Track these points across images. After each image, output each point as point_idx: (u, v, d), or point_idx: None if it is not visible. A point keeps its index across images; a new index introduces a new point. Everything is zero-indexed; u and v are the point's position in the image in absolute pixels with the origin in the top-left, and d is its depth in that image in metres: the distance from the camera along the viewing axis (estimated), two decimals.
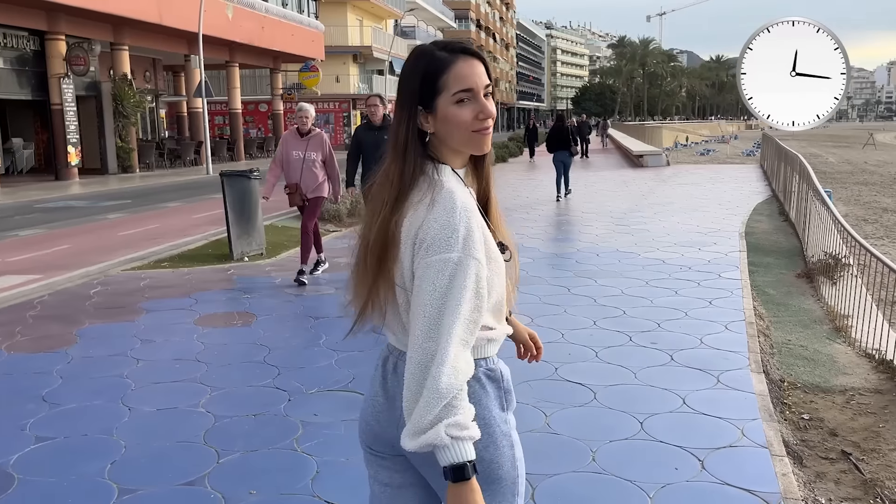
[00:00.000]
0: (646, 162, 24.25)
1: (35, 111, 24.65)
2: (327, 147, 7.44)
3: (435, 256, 1.45)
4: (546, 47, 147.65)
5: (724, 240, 9.47)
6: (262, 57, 33.79)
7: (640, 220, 11.43)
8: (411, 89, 1.57)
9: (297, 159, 7.27)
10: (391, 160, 1.57)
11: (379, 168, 1.61)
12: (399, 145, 1.56)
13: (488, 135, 1.58)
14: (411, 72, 1.58)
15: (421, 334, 1.43)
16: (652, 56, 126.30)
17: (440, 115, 1.55)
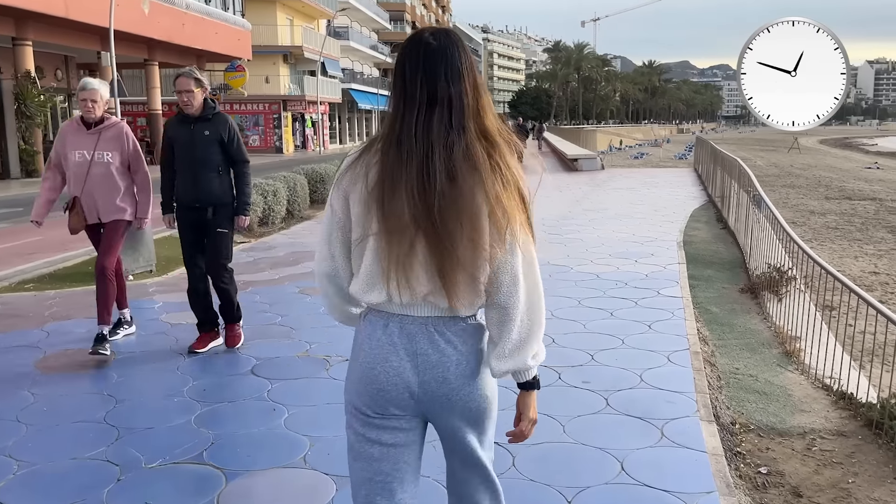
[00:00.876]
0: (580, 166, 23.79)
1: None
2: (130, 144, 5.07)
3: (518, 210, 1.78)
4: (483, 51, 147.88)
5: (661, 250, 8.82)
6: (185, 56, 32.17)
7: (573, 229, 10.74)
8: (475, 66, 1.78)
9: (80, 162, 4.94)
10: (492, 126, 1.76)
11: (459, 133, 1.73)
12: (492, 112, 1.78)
13: None
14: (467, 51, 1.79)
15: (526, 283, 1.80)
16: (587, 61, 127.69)
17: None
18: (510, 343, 1.79)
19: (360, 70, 59.77)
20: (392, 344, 1.79)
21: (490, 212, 1.69)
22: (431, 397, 1.80)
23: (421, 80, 1.71)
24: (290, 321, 5.91)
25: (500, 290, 1.76)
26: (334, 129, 55.65)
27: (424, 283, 1.74)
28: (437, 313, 1.78)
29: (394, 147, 1.72)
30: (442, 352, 1.78)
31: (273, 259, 8.81)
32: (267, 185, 11.41)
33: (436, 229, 1.68)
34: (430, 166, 1.68)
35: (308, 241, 10.25)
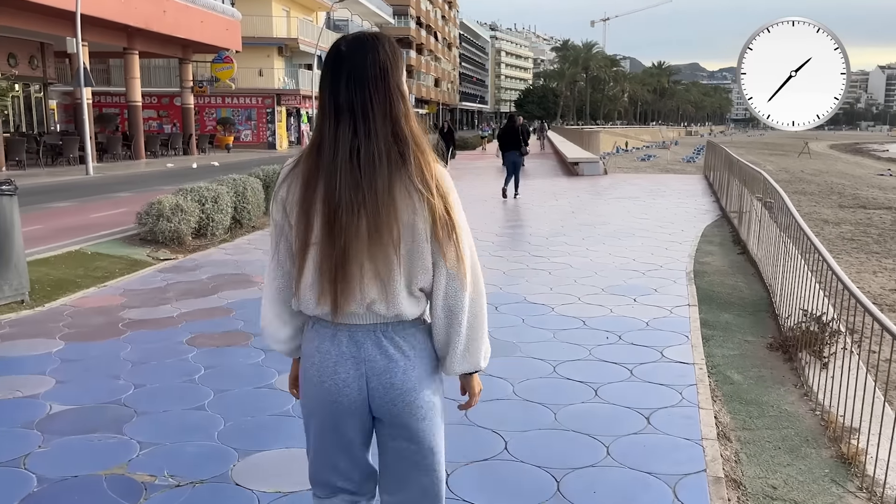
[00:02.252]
0: (581, 170, 22.09)
1: None
2: None
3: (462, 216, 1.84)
4: (490, 49, 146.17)
5: (667, 283, 7.14)
6: (169, 45, 30.58)
7: (562, 249, 9.05)
8: (399, 66, 1.77)
9: None
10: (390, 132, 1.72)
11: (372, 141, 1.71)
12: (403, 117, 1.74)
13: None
14: (394, 52, 1.78)
15: (470, 276, 1.81)
16: (595, 60, 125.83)
17: (405, 94, 1.79)
18: (460, 344, 1.82)
19: None
20: (341, 354, 1.79)
21: (413, 215, 1.69)
22: (379, 403, 1.81)
23: (329, 89, 1.73)
24: (97, 392, 4.24)
25: (442, 292, 1.76)
26: None
27: (365, 291, 1.73)
28: (384, 319, 1.78)
29: (313, 155, 1.74)
30: (390, 357, 1.79)
31: (188, 285, 7.16)
32: (206, 191, 9.76)
33: (357, 237, 1.68)
34: (337, 175, 1.68)
35: (248, 258, 8.62)
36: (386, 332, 1.78)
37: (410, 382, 1.80)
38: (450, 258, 1.75)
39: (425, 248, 1.74)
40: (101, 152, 27.37)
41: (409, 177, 1.69)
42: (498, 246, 9.39)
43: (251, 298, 6.54)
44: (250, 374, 4.53)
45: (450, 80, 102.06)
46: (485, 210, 13.25)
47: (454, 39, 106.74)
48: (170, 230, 8.91)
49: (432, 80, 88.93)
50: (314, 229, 1.71)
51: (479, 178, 20.90)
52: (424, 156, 1.73)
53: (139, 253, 8.62)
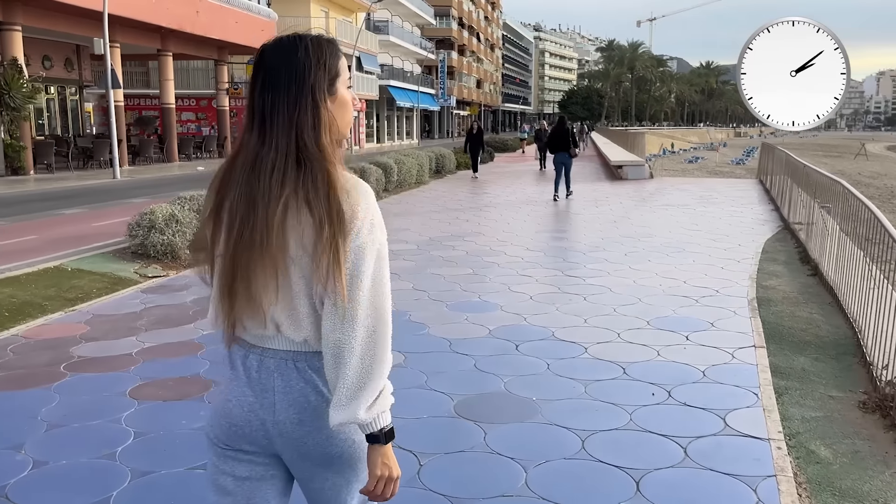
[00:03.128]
0: (625, 174, 20.80)
1: None
2: None
3: (367, 238, 1.53)
4: (534, 49, 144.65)
5: (725, 315, 5.97)
6: (203, 46, 30.13)
7: (601, 268, 7.92)
8: (318, 70, 1.58)
9: None
10: (293, 142, 1.55)
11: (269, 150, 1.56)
12: (310, 127, 1.56)
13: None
14: (315, 54, 1.59)
15: (363, 313, 1.52)
16: (641, 60, 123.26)
17: (339, 98, 1.62)
18: (344, 387, 1.55)
19: (400, 66, 57.35)
20: (250, 378, 1.63)
21: (302, 233, 1.55)
22: (286, 439, 1.63)
23: (248, 94, 1.66)
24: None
25: (329, 324, 1.55)
26: (371, 127, 53.33)
27: (271, 311, 1.59)
28: (295, 347, 1.62)
29: (229, 163, 1.64)
30: (300, 391, 1.61)
31: (167, 310, 6.25)
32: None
33: (251, 251, 1.55)
34: (238, 185, 1.58)
35: None
36: (298, 361, 1.62)
37: (322, 420, 1.60)
38: (329, 286, 1.54)
39: (311, 269, 1.58)
40: (134, 155, 27.00)
41: (305, 192, 1.54)
42: (528, 263, 8.29)
43: None
44: (188, 445, 3.54)
45: (492, 82, 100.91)
46: (518, 217, 12.15)
47: (497, 40, 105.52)
48: (162, 244, 8.03)
49: (474, 82, 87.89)
50: (220, 241, 1.61)
51: (516, 183, 19.78)
52: (327, 170, 1.55)
53: (126, 269, 7.76)
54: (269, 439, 1.64)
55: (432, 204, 14.51)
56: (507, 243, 9.72)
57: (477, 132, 22.32)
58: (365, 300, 1.53)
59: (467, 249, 9.24)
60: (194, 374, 4.61)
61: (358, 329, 1.53)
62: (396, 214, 12.71)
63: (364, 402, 1.54)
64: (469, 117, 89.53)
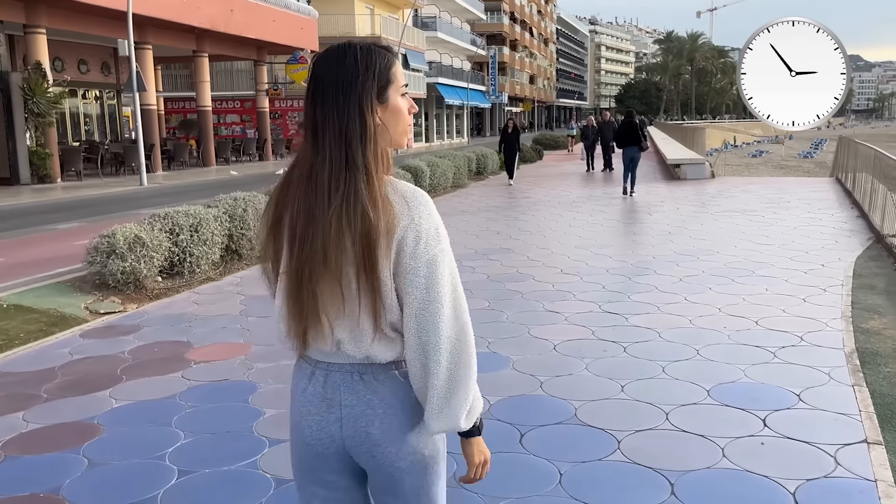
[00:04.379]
0: (683, 173, 18.96)
1: None
2: None
3: (436, 249, 1.52)
4: (589, 43, 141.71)
5: (815, 380, 4.37)
6: (241, 47, 29.31)
7: (649, 300, 6.36)
8: (367, 79, 1.56)
9: None
10: (344, 153, 1.53)
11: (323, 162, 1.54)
12: (358, 138, 1.53)
13: (411, 129, 1.69)
14: (363, 62, 1.57)
15: (445, 325, 1.52)
16: (701, 52, 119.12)
17: (391, 106, 1.59)
18: (436, 397, 1.54)
19: (449, 63, 55.97)
20: (315, 395, 1.63)
21: (351, 247, 1.52)
22: (357, 453, 1.63)
23: (304, 105, 1.64)
24: None
25: (409, 333, 1.55)
26: (419, 125, 52.10)
27: (334, 328, 1.58)
28: (359, 360, 1.60)
29: (288, 176, 1.64)
30: (367, 403, 1.60)
31: (90, 366, 4.98)
32: (183, 217, 7.62)
33: (312, 266, 1.54)
34: (296, 199, 1.57)
35: (217, 310, 6.47)
36: (364, 374, 1.59)
37: (391, 433, 1.59)
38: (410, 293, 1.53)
39: (386, 282, 1.53)
40: (169, 160, 26.32)
41: (348, 205, 1.50)
42: (559, 292, 6.78)
43: (145, 401, 4.27)
44: None
45: (546, 77, 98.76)
46: (557, 228, 10.61)
47: (551, 35, 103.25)
48: (123, 272, 6.81)
49: (527, 77, 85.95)
50: (283, 256, 1.60)
51: (560, 187, 18.15)
52: (370, 185, 1.51)
53: (75, 304, 6.56)
54: (343, 455, 1.63)
55: (463, 213, 13.07)
56: (539, 263, 8.21)
57: (513, 130, 18.69)
58: (445, 313, 1.52)
59: (490, 272, 7.78)
60: (53, 489, 3.28)
61: (443, 342, 1.52)
62: None
63: (463, 410, 1.55)
64: (522, 113, 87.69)
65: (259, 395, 4.37)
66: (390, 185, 1.55)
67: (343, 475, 1.66)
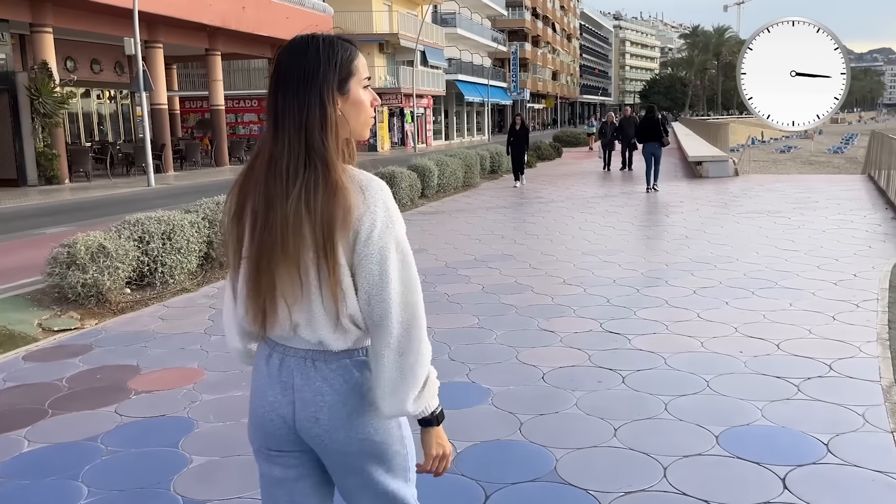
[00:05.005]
0: (705, 171, 18.15)
1: None
2: None
3: (389, 236, 1.53)
4: (614, 39, 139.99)
5: (847, 423, 3.68)
6: (255, 44, 28.88)
7: (657, 317, 5.69)
8: (328, 70, 1.58)
9: None
10: (304, 143, 1.55)
11: (282, 150, 1.57)
12: (317, 128, 1.55)
13: (373, 122, 1.69)
14: (325, 53, 1.58)
15: (396, 311, 1.54)
16: (728, 46, 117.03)
17: (352, 97, 1.61)
18: (384, 381, 1.57)
19: (469, 60, 55.27)
20: (271, 376, 1.66)
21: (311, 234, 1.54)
22: (308, 436, 1.64)
23: (267, 95, 1.67)
24: None
25: (365, 318, 1.59)
26: (439, 123, 51.50)
27: (291, 312, 1.60)
28: (313, 346, 1.63)
29: (249, 166, 1.66)
30: (316, 389, 1.62)
31: (21, 396, 4.43)
32: (155, 224, 7.08)
33: (272, 252, 1.56)
34: (258, 186, 1.60)
35: (184, 325, 5.96)
36: (317, 359, 1.62)
37: (339, 419, 1.60)
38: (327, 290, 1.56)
39: (343, 269, 1.55)
40: (182, 160, 25.99)
41: (307, 193, 1.52)
42: (558, 307, 6.13)
43: (61, 444, 3.70)
44: None
45: (569, 73, 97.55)
46: (566, 231, 9.94)
47: (574, 30, 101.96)
48: (84, 284, 6.28)
49: (549, 74, 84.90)
50: (245, 242, 1.63)
51: (575, 187, 17.44)
52: (330, 172, 1.54)
53: (30, 320, 6.03)
54: (294, 436, 1.64)
55: (469, 215, 12.43)
56: (541, 272, 7.56)
57: (520, 129, 17.15)
58: (397, 299, 1.54)
59: (486, 282, 7.14)
60: None
61: (394, 327, 1.54)
62: (423, 230, 10.71)
63: (411, 394, 1.56)
64: (544, 110, 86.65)
65: (193, 437, 3.78)
66: (348, 175, 1.56)
67: (295, 455, 1.68)
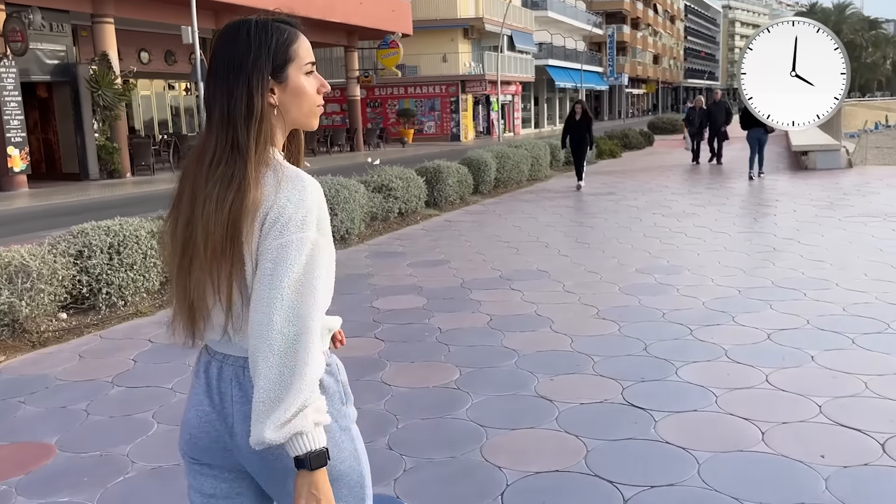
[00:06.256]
0: (812, 161, 15.75)
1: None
2: None
3: (293, 236, 1.38)
4: (722, 20, 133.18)
5: None
6: (329, 32, 28.03)
7: (703, 379, 4.02)
8: (259, 56, 1.46)
9: None
10: (229, 134, 1.44)
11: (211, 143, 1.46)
12: (242, 118, 1.44)
13: (321, 110, 1.57)
14: (256, 38, 1.47)
15: (280, 318, 1.36)
16: (848, 23, 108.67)
17: (291, 85, 1.50)
18: (260, 404, 1.36)
19: (560, 44, 52.95)
20: (209, 387, 1.52)
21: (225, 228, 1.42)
22: (241, 453, 1.49)
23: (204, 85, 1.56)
24: None
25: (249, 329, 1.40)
26: (528, 111, 49.59)
27: (212, 315, 1.49)
28: (235, 352, 1.50)
29: (190, 156, 1.55)
30: (233, 399, 1.49)
31: None
32: (101, 236, 5.92)
33: (194, 252, 1.45)
34: (190, 180, 1.49)
35: (101, 369, 4.75)
36: (242, 366, 1.48)
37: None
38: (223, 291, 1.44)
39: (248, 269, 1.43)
40: None
41: (224, 190, 1.41)
42: (569, 358, 4.54)
43: None
44: None
45: (672, 56, 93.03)
46: (623, 241, 8.23)
47: (678, 11, 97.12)
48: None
49: (650, 58, 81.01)
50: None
51: (652, 182, 15.42)
52: (248, 166, 1.42)
53: None
54: (228, 451, 1.51)
55: (519, 215, 10.84)
56: (573, 298, 5.95)
57: (581, 118, 13.92)
58: (285, 305, 1.36)
59: (496, 312, 5.61)
60: None
61: (274, 337, 1.35)
62: (458, 235, 9.24)
63: (275, 419, 1.34)
64: (644, 95, 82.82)
65: None
66: (274, 169, 1.44)
67: (223, 471, 1.54)
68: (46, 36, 18.21)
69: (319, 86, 1.53)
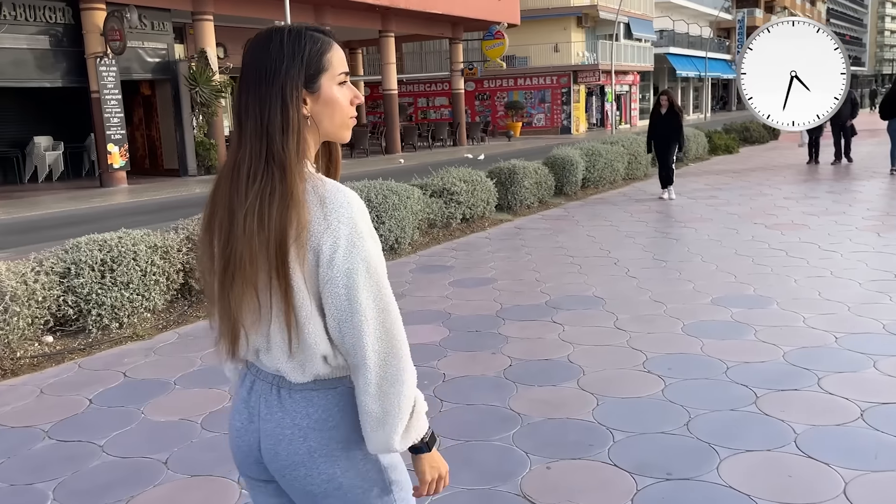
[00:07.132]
0: None
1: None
2: None
3: (357, 257, 1.37)
4: (870, 1, 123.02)
5: None
6: (434, 24, 27.45)
7: (751, 489, 2.92)
8: (291, 65, 1.42)
9: None
10: (264, 147, 1.39)
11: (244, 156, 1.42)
12: (278, 130, 1.39)
13: (354, 122, 1.51)
14: (289, 46, 1.43)
15: (371, 339, 1.37)
16: None
17: (324, 96, 1.46)
18: (369, 415, 1.40)
19: (683, 31, 50.05)
20: (244, 400, 1.53)
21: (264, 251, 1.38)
22: (271, 469, 1.49)
23: (235, 95, 1.53)
24: None
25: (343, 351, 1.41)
26: (647, 101, 47.19)
27: (250, 335, 1.47)
28: (279, 373, 1.47)
29: (220, 172, 1.51)
30: (278, 421, 1.46)
31: None
32: (93, 251, 5.42)
33: (236, 269, 1.41)
34: (225, 198, 1.43)
35: (57, 410, 4.23)
36: (282, 388, 1.46)
37: (298, 456, 1.44)
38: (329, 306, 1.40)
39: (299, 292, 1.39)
40: (350, 147, 25.29)
41: (265, 205, 1.37)
42: (586, 431, 3.54)
43: None
44: None
45: None
46: (706, 259, 7.00)
47: None
48: None
49: None
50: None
51: (760, 186, 13.72)
52: (285, 182, 1.37)
53: None
54: (260, 464, 1.51)
55: (600, 222, 9.68)
56: (621, 339, 4.89)
57: (667, 114, 11.34)
58: (371, 326, 1.37)
59: (521, 353, 4.66)
60: None
61: (368, 358, 1.37)
62: (522, 245, 8.27)
63: (397, 429, 1.40)
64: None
65: None
66: (312, 184, 1.40)
67: (268, 484, 1.54)
68: (148, 34, 18.55)
69: (353, 97, 1.49)
